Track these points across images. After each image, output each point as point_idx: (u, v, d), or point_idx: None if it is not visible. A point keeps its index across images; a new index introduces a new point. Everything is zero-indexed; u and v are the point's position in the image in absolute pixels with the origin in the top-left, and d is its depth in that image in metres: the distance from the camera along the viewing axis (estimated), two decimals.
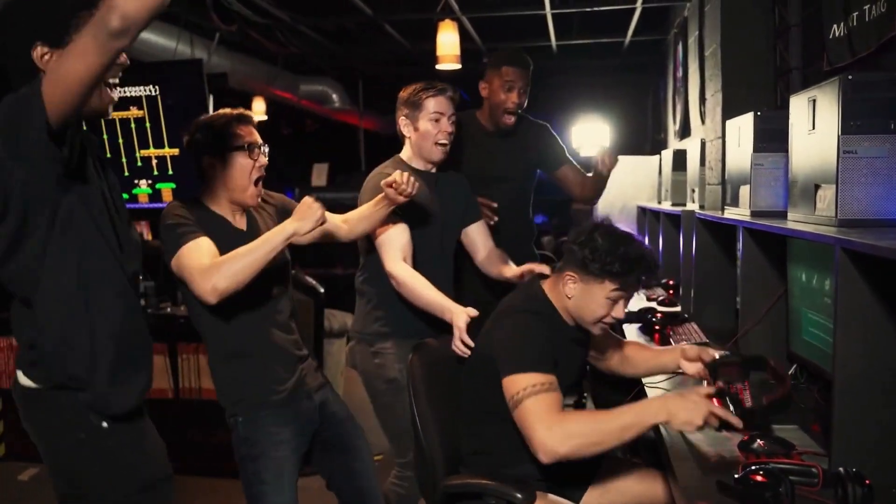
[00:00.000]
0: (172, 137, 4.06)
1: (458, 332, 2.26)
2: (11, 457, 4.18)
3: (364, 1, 6.46)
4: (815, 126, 1.98)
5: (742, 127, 2.69)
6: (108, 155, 4.07)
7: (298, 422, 2.27)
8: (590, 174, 3.23)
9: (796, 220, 2.13)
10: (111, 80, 1.69)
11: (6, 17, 1.64)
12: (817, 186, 1.96)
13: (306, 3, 6.78)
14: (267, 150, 2.27)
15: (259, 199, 2.28)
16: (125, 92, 3.87)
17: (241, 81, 7.21)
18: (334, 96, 9.24)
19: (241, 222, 2.27)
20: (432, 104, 2.62)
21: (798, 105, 2.13)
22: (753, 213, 2.54)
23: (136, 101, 4.07)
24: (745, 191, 2.66)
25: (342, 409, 2.43)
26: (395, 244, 2.51)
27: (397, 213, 2.48)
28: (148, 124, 4.05)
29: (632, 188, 6.44)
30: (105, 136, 4.04)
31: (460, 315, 2.29)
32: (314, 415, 2.33)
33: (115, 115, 3.86)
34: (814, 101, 1.99)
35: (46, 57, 1.61)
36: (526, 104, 3.27)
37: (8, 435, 4.18)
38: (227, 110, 2.27)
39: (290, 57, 8.07)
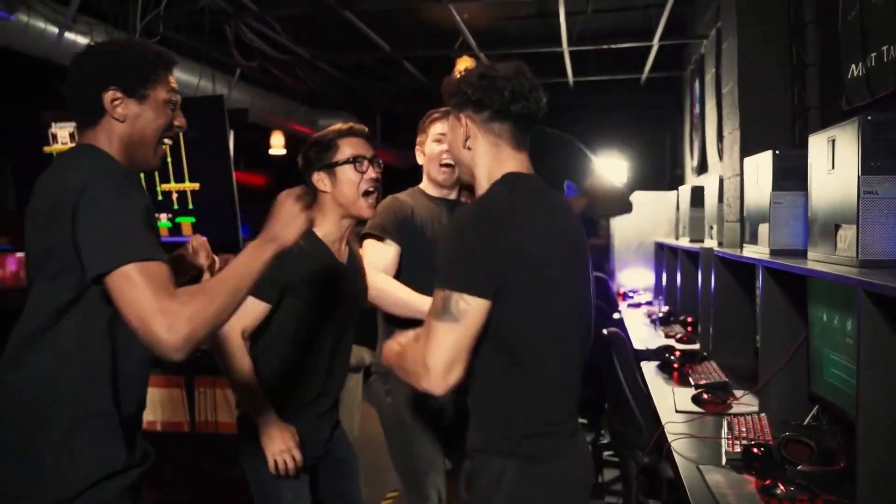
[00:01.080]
0: (193, 172, 4.10)
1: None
2: None
3: (383, 37, 6.55)
4: (835, 166, 1.97)
5: (760, 165, 2.69)
6: None
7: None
8: None
9: (816, 260, 2.11)
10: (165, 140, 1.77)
11: (89, 59, 1.71)
12: (837, 226, 1.95)
13: (325, 40, 6.89)
14: (381, 162, 2.30)
15: (372, 211, 2.29)
16: None
17: (260, 116, 7.30)
18: None
19: (343, 254, 2.28)
20: (437, 127, 2.62)
21: (817, 144, 2.12)
22: (773, 252, 2.52)
23: None
24: (763, 229, 2.64)
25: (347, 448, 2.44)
26: (377, 262, 2.48)
27: (398, 237, 2.50)
28: (169, 159, 4.09)
29: (649, 224, 6.44)
30: None
31: None
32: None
33: None
34: (833, 140, 1.99)
35: (117, 102, 1.67)
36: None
37: None
38: (338, 125, 2.30)
39: (308, 92, 8.18)
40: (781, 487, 1.69)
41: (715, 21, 5.10)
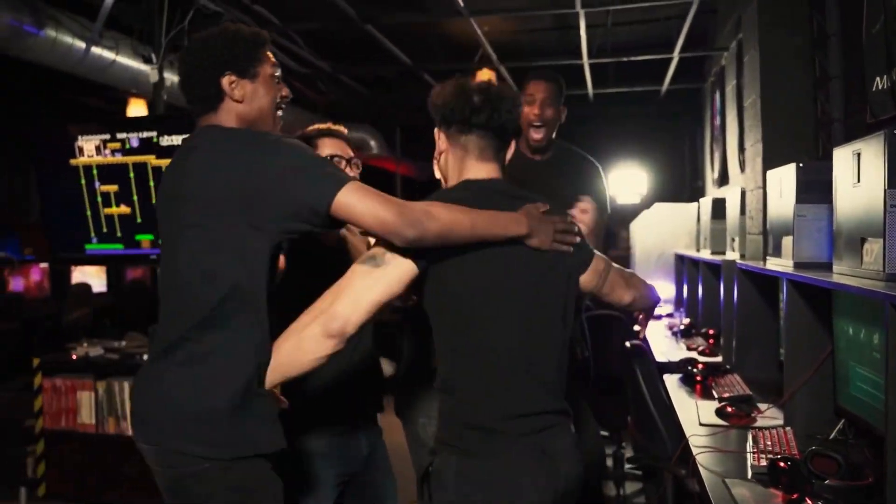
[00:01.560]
0: None
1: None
2: (51, 497, 4.22)
3: (403, 51, 6.60)
4: (861, 179, 1.97)
5: (784, 178, 2.68)
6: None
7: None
8: None
9: (842, 273, 2.11)
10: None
11: (199, 51, 1.81)
12: (863, 240, 1.94)
13: (347, 54, 6.94)
14: (359, 163, 2.30)
15: None
16: (172, 140, 3.97)
17: (281, 128, 7.35)
18: (372, 143, 9.39)
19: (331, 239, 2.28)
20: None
21: (842, 157, 2.12)
22: (797, 265, 2.51)
23: None
24: (787, 241, 2.64)
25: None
26: None
27: None
28: None
29: (669, 235, 6.42)
30: (151, 183, 4.14)
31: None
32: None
33: (160, 162, 3.97)
34: (858, 154, 1.99)
35: (234, 84, 1.80)
36: (554, 119, 3.11)
37: (49, 475, 4.22)
38: (318, 125, 2.32)
39: (329, 105, 8.24)
40: (809, 502, 1.68)
41: (736, 33, 5.10)
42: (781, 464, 1.86)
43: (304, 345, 1.66)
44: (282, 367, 1.70)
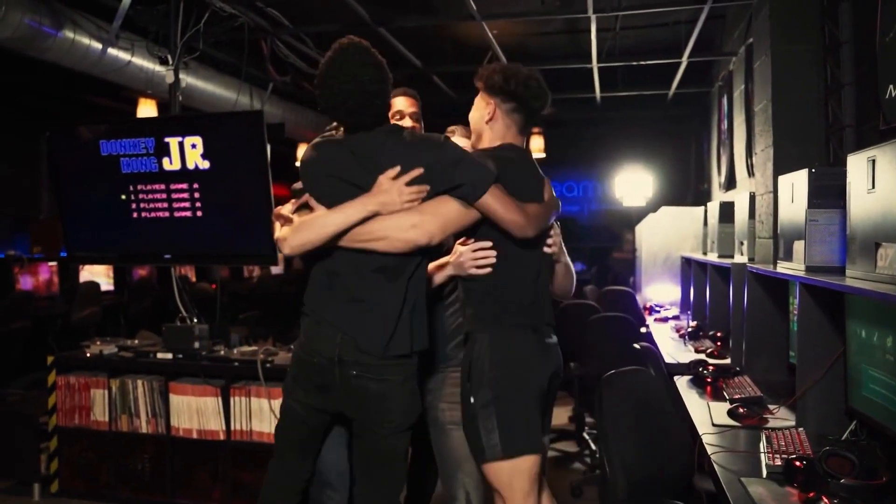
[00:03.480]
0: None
1: (465, 259, 2.35)
2: (64, 494, 4.26)
3: (413, 53, 6.64)
4: (875, 185, 2.01)
5: (796, 183, 2.72)
6: None
7: None
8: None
9: (855, 277, 2.15)
10: None
11: (378, 77, 2.22)
12: (878, 245, 1.99)
13: None
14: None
15: None
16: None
17: (290, 129, 7.41)
18: None
19: None
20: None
21: (856, 164, 2.16)
22: (808, 269, 2.55)
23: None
24: (799, 246, 2.67)
25: None
26: None
27: None
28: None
29: (675, 239, 6.46)
30: None
31: (452, 257, 2.42)
32: None
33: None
34: (873, 160, 2.03)
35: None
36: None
37: (62, 472, 4.26)
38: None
39: None
40: (825, 500, 1.72)
41: (744, 38, 5.14)
42: (797, 463, 1.90)
43: (390, 230, 2.17)
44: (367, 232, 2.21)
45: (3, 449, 4.37)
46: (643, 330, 5.02)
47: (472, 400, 2.25)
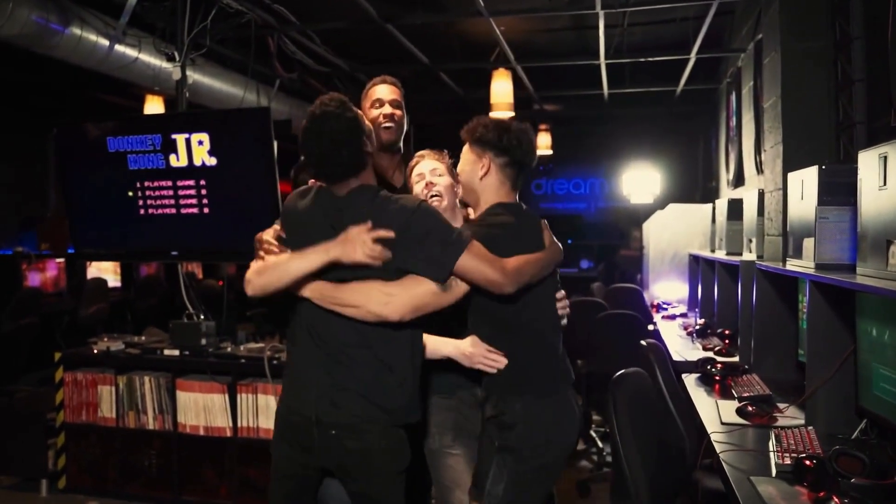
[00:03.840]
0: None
1: (477, 355, 2.31)
2: (71, 490, 4.27)
3: (420, 50, 6.62)
4: (887, 182, 1.99)
5: (806, 180, 2.70)
6: None
7: None
8: None
9: (866, 275, 2.13)
10: None
11: (351, 130, 2.16)
12: (889, 242, 1.97)
13: (365, 52, 6.98)
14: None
15: None
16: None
17: (297, 126, 7.38)
18: None
19: None
20: (422, 166, 2.65)
21: (868, 160, 2.14)
22: (818, 266, 2.53)
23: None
24: (808, 243, 2.65)
25: None
26: None
27: None
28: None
29: (683, 236, 6.44)
30: None
31: (464, 344, 2.35)
32: None
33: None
34: (885, 157, 2.01)
35: (370, 145, 2.22)
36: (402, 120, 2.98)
37: (69, 468, 4.27)
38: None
39: None
40: (836, 500, 1.70)
41: (753, 35, 5.11)
42: (807, 462, 1.88)
43: (363, 301, 2.12)
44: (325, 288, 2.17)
45: (11, 445, 4.38)
46: (651, 327, 5.01)
47: (495, 443, 2.27)
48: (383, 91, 2.81)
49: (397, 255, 2.11)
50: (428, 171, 2.61)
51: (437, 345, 2.37)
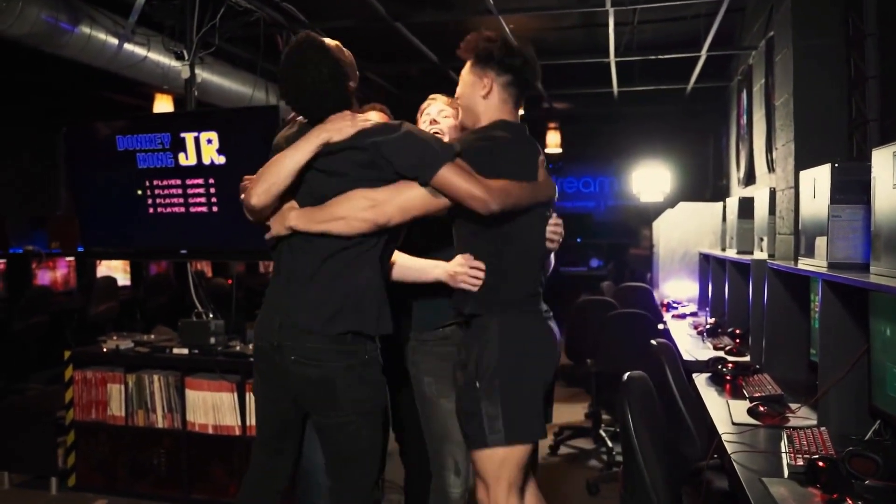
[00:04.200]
0: None
1: (461, 273, 2.29)
2: (81, 488, 4.28)
3: (431, 48, 6.61)
4: None
5: (818, 178, 2.67)
6: None
7: None
8: None
9: (880, 274, 2.10)
10: None
11: (330, 64, 2.17)
12: None
13: (372, 50, 6.97)
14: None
15: None
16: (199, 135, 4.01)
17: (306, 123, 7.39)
18: None
19: None
20: (434, 107, 2.73)
21: (882, 158, 2.12)
22: (831, 265, 2.51)
23: None
24: (821, 242, 2.63)
25: None
26: None
27: None
28: None
29: (694, 234, 6.41)
30: None
31: (452, 264, 2.33)
32: None
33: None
34: None
35: (353, 87, 2.27)
36: None
37: (79, 466, 4.28)
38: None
39: (357, 102, 8.25)
40: (849, 502, 1.68)
41: (765, 32, 5.08)
42: (820, 463, 1.86)
43: (348, 211, 2.13)
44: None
45: (22, 443, 4.39)
46: (661, 327, 4.98)
47: (477, 385, 2.21)
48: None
49: (382, 165, 2.14)
50: (436, 112, 2.67)
51: (426, 268, 2.40)
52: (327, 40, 2.25)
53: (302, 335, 2.17)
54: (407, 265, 2.47)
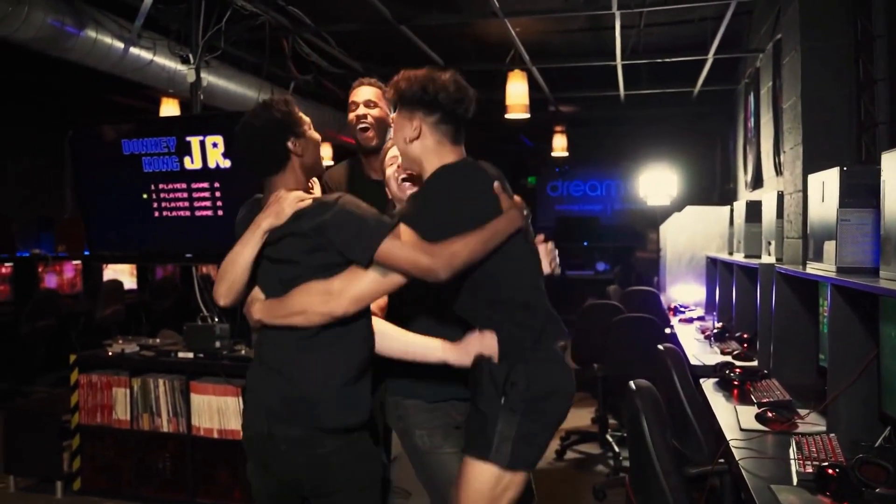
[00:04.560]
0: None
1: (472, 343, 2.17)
2: (86, 492, 4.27)
3: (436, 51, 6.61)
4: None
5: (827, 181, 2.65)
6: None
7: None
8: None
9: (890, 279, 2.08)
10: None
11: (257, 124, 2.17)
12: None
13: (380, 54, 6.97)
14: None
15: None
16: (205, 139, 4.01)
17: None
18: None
19: None
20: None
21: (891, 161, 2.10)
22: (840, 270, 2.48)
23: None
24: (829, 246, 2.61)
25: None
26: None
27: None
28: None
29: (701, 238, 6.39)
30: None
31: (457, 350, 2.19)
32: None
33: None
34: None
35: (296, 145, 2.18)
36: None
37: (84, 470, 4.28)
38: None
39: None
40: None
41: (772, 34, 5.05)
42: (830, 471, 1.84)
43: (306, 306, 2.06)
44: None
45: (28, 447, 4.40)
46: (667, 331, 4.96)
47: (502, 401, 2.11)
48: (358, 93, 2.80)
49: (325, 247, 2.06)
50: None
51: (428, 348, 2.23)
52: (282, 97, 2.23)
53: (289, 427, 2.10)
54: (398, 339, 2.28)
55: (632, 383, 2.26)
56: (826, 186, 2.66)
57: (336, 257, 2.06)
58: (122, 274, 8.27)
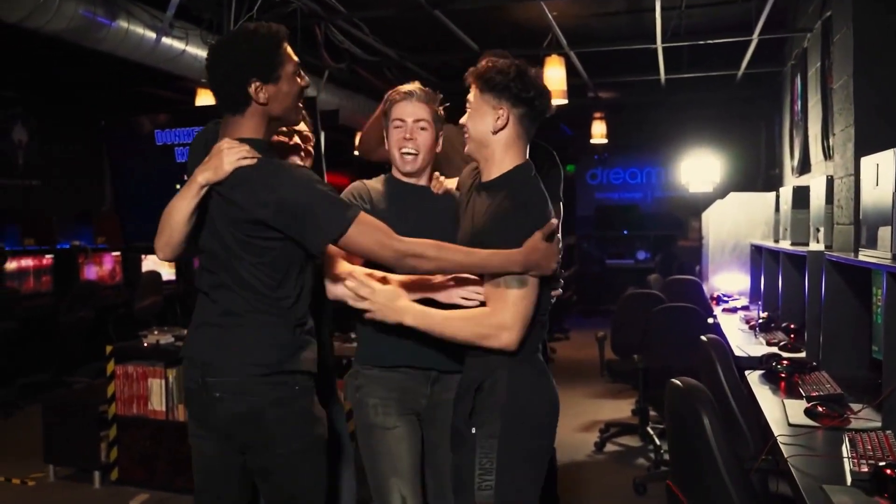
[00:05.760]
0: None
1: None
2: (123, 482, 4.29)
3: (470, 37, 6.50)
4: None
5: (881, 164, 2.53)
6: None
7: None
8: None
9: None
10: None
11: (224, 59, 1.99)
12: None
13: (413, 40, 6.89)
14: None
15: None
16: None
17: (347, 117, 7.36)
18: None
19: None
20: (400, 109, 2.39)
21: None
22: None
23: None
24: (884, 232, 2.48)
25: None
26: None
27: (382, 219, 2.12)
28: None
29: (745, 225, 6.24)
30: None
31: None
32: None
33: None
34: None
35: (259, 90, 1.97)
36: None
37: (121, 460, 4.29)
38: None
39: None
40: None
41: (821, 12, 4.87)
42: (888, 471, 1.72)
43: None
44: None
45: (66, 437, 4.44)
46: (710, 321, 4.83)
47: (472, 430, 2.02)
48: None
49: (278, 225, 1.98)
50: (411, 120, 2.36)
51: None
52: (274, 25, 2.04)
53: (224, 372, 2.02)
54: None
55: (677, 381, 2.14)
56: (880, 169, 2.54)
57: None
58: (161, 265, 8.31)
